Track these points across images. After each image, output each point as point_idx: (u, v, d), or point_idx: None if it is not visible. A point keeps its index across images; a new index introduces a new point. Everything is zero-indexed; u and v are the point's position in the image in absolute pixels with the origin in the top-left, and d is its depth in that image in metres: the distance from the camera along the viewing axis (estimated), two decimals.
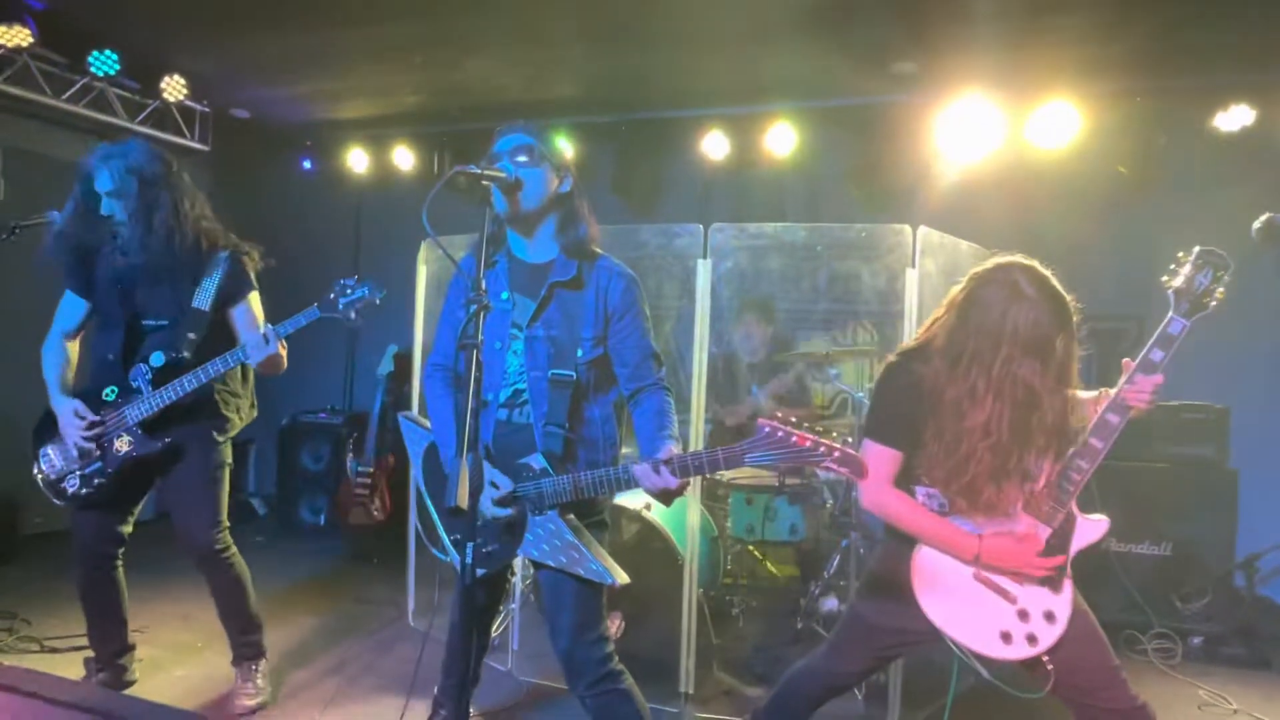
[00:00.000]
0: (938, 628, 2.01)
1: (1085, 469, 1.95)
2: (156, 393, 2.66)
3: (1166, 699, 3.31)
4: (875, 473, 2.03)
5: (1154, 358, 1.93)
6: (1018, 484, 1.94)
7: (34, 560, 4.53)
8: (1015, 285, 1.89)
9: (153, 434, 2.70)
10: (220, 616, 2.96)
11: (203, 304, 2.73)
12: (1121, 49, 4.11)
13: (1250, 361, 4.39)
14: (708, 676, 3.29)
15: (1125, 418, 1.94)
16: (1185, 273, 1.91)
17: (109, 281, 2.79)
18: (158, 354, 2.70)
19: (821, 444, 1.68)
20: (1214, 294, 1.89)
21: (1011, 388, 1.87)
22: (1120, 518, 3.87)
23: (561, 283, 2.09)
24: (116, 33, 4.71)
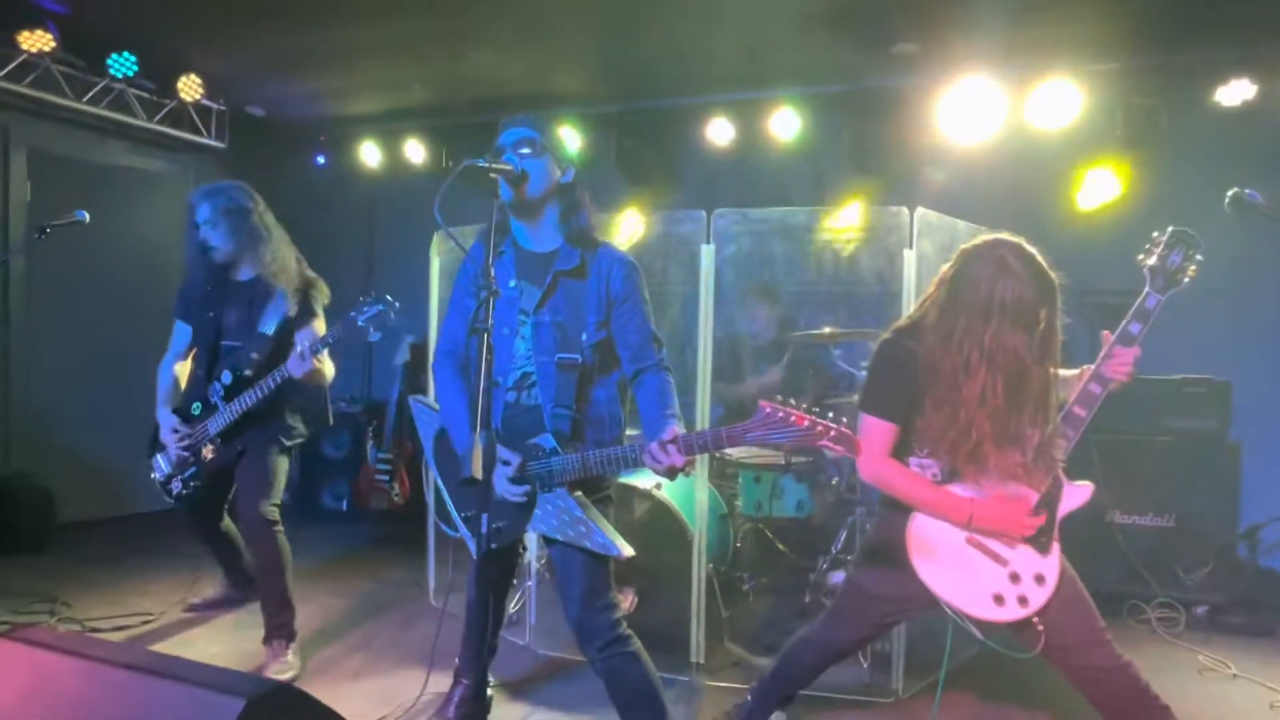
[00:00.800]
0: (933, 593, 2.11)
1: (1071, 436, 2.05)
2: (228, 406, 3.12)
3: (1167, 665, 3.40)
4: (872, 445, 2.14)
5: (1132, 330, 2.03)
6: (1019, 448, 2.03)
7: (70, 548, 4.72)
8: (1002, 261, 1.98)
9: (229, 442, 3.18)
10: (261, 594, 3.21)
11: (267, 329, 3.14)
12: (1121, 25, 4.14)
13: (1251, 335, 4.43)
14: (718, 648, 3.41)
15: (1106, 388, 2.04)
16: (1159, 252, 2.02)
17: (202, 307, 3.26)
18: (226, 373, 3.14)
19: (819, 424, 1.79)
20: (1186, 271, 2.00)
21: (1002, 358, 1.97)
22: (1124, 490, 4.02)
23: (565, 271, 2.20)
24: (134, 35, 4.84)
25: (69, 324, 5.25)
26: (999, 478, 2.04)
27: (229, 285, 3.26)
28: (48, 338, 5.17)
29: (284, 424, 3.25)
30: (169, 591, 3.94)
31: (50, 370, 5.18)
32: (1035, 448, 2.03)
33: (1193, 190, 4.43)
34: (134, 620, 3.59)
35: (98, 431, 5.31)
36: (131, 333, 5.41)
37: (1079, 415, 2.04)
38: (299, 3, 4.28)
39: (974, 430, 2.00)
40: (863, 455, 2.15)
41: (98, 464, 5.33)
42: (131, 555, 4.61)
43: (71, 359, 5.25)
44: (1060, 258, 3.02)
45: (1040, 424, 2.03)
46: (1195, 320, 4.43)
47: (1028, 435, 2.03)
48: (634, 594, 3.42)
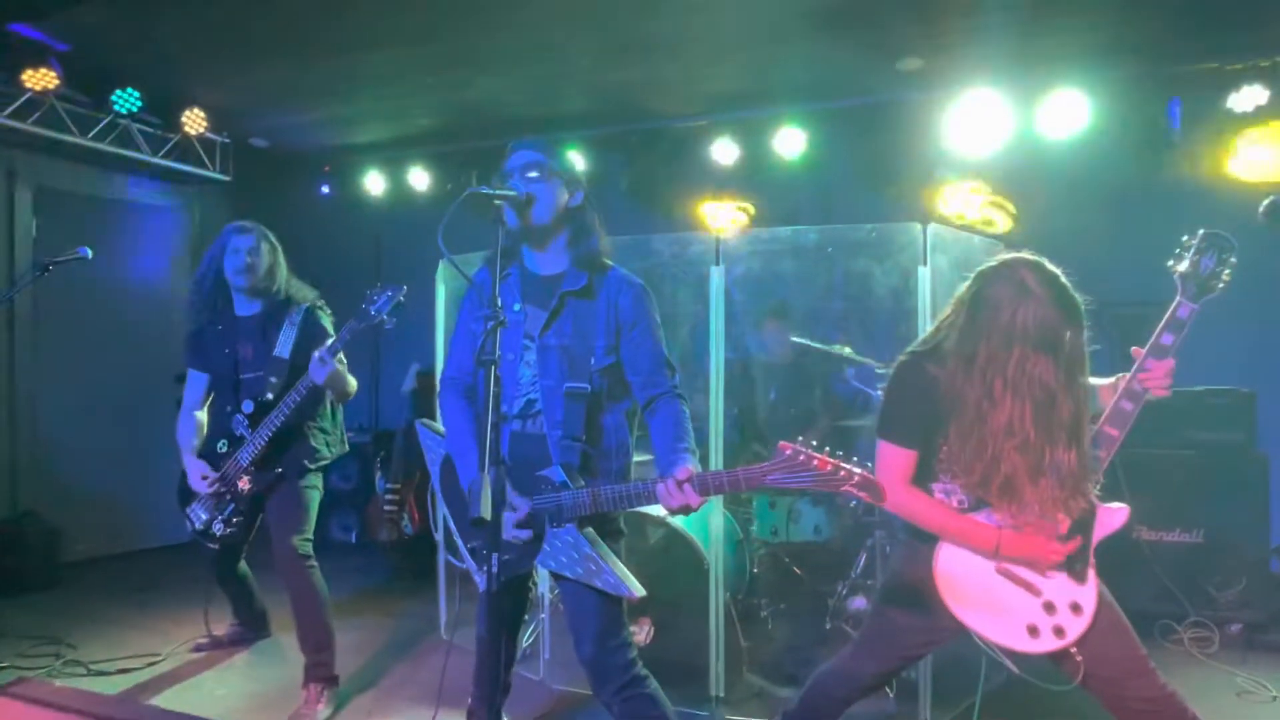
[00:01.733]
0: (963, 623, 2.02)
1: (1103, 457, 1.95)
2: (255, 434, 3.09)
3: (1204, 688, 3.28)
4: (892, 473, 2.05)
5: (1164, 342, 1.93)
6: (1054, 480, 1.92)
7: (77, 586, 4.66)
8: (1022, 283, 1.89)
9: (263, 469, 3.15)
10: (297, 630, 3.14)
11: (283, 352, 3.15)
12: (1131, 34, 4.09)
13: (1275, 344, 4.33)
14: (738, 679, 3.31)
15: (1140, 404, 1.94)
16: (1190, 256, 1.91)
17: (217, 346, 3.25)
18: (248, 402, 3.15)
19: (842, 468, 1.72)
20: (1220, 276, 1.89)
21: (1029, 386, 1.87)
22: (1150, 506, 3.91)
23: (572, 292, 2.13)
24: (137, 70, 4.87)
25: (75, 360, 5.23)
26: (1040, 512, 1.94)
27: (238, 321, 3.26)
28: (53, 374, 5.15)
29: (308, 447, 3.21)
30: (176, 630, 3.87)
31: (56, 407, 5.15)
32: (1072, 475, 1.93)
33: (1206, 198, 4.39)
34: (139, 661, 3.52)
35: (105, 468, 5.27)
36: (138, 368, 5.40)
37: (1112, 435, 1.95)
38: (300, 35, 4.30)
39: (1003, 463, 1.90)
40: (882, 483, 2.07)
41: (105, 500, 5.28)
42: (139, 592, 4.55)
43: (77, 396, 5.22)
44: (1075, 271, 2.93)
45: (1075, 449, 1.93)
46: (1217, 330, 4.32)
47: (1063, 462, 1.92)
48: (650, 625, 3.33)
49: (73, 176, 5.23)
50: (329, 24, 4.15)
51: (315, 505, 3.24)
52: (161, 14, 4.10)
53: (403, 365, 5.34)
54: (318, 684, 3.10)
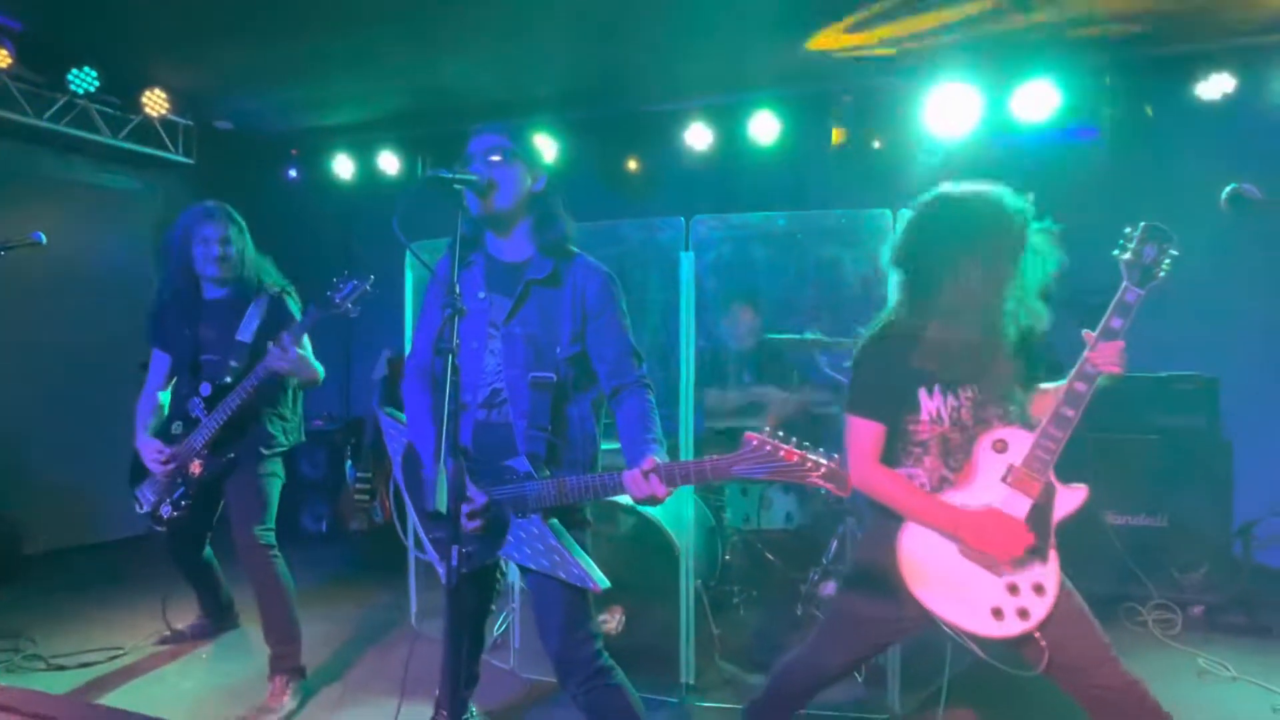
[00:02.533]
0: (929, 610, 2.02)
1: (1059, 437, 1.97)
2: (210, 417, 3.03)
3: (1165, 669, 3.34)
4: (860, 447, 2.07)
5: (1114, 325, 1.98)
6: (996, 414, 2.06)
7: (37, 580, 4.56)
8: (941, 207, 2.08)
9: (216, 453, 3.08)
10: (262, 622, 3.10)
11: (245, 336, 3.09)
12: (1102, 21, 4.10)
13: (1238, 332, 4.40)
14: (709, 666, 3.31)
15: (1092, 385, 1.97)
16: (1133, 246, 1.98)
17: (179, 326, 3.18)
18: (205, 384, 3.09)
19: (809, 458, 1.72)
20: (1162, 264, 1.96)
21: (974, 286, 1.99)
22: (1116, 491, 3.96)
23: (537, 280, 2.10)
24: (95, 50, 4.72)
25: (33, 350, 5.09)
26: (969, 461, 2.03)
27: (203, 303, 3.19)
28: (10, 364, 5.02)
29: (265, 433, 3.15)
30: (140, 623, 3.80)
31: (14, 398, 5.02)
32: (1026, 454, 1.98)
33: (1176, 186, 4.43)
34: (102, 655, 3.46)
35: (66, 459, 5.15)
36: (98, 357, 5.27)
37: (1067, 415, 1.97)
38: (265, 14, 4.19)
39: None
40: (852, 461, 2.10)
41: (66, 492, 5.17)
42: (101, 585, 4.46)
43: (36, 386, 5.09)
44: None
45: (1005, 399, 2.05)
46: (1180, 318, 4.40)
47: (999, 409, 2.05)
48: (622, 613, 3.32)
49: (28, 159, 5.07)
50: (293, 4, 4.05)
51: (275, 494, 3.18)
52: None
53: (374, 352, 5.27)
54: (284, 675, 3.06)
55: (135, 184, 5.67)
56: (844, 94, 4.85)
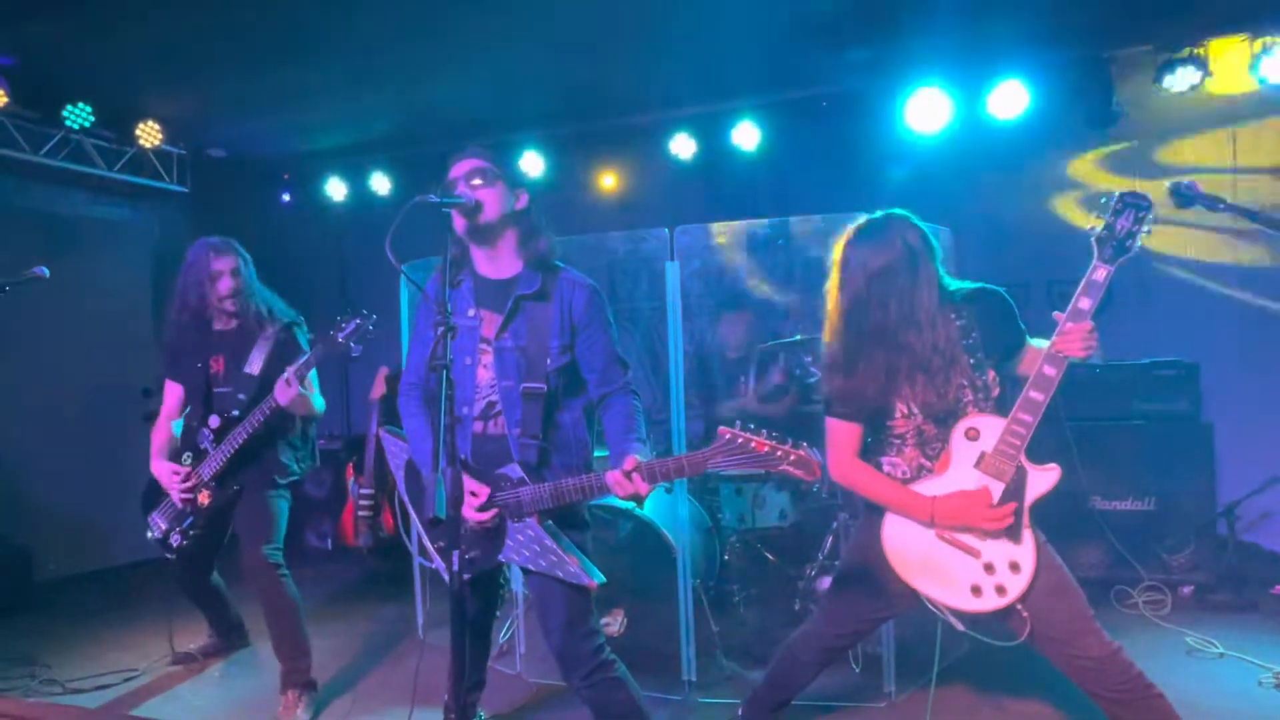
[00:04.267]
0: (912, 586, 2.15)
1: (1029, 422, 2.03)
2: (218, 450, 3.11)
3: (1156, 648, 3.42)
4: (838, 447, 2.19)
5: (1082, 306, 1.97)
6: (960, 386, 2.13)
7: (51, 606, 4.64)
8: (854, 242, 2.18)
9: (223, 485, 3.16)
10: (272, 639, 3.16)
11: (253, 369, 3.16)
12: (1071, 17, 4.20)
13: (1215, 315, 4.49)
14: (711, 664, 3.39)
15: (1061, 369, 2.00)
16: (1107, 219, 1.95)
17: (192, 359, 3.27)
18: (214, 417, 3.16)
19: (779, 448, 1.80)
20: (1137, 236, 1.92)
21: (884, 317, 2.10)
22: (1103, 477, 4.05)
23: (527, 295, 2.19)
24: (88, 84, 4.82)
25: (37, 379, 5.18)
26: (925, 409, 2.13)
27: (214, 335, 3.28)
28: (15, 394, 5.10)
29: (278, 463, 3.23)
30: (152, 644, 3.87)
31: (19, 427, 5.10)
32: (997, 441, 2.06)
33: (1148, 177, 4.54)
34: (117, 677, 3.53)
35: (72, 486, 5.23)
36: (102, 385, 5.36)
37: (1036, 400, 2.01)
38: (254, 44, 4.28)
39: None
40: (831, 458, 2.23)
41: (74, 519, 5.25)
42: (113, 609, 4.54)
43: (41, 415, 5.17)
44: (1023, 249, 3.00)
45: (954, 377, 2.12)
46: (1160, 304, 4.51)
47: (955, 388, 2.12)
48: (623, 615, 3.41)
49: (26, 194, 5.16)
50: (281, 32, 4.15)
51: (284, 515, 3.26)
52: (110, 27, 4.06)
53: (371, 371, 5.35)
54: (296, 690, 3.13)
55: (131, 214, 5.77)
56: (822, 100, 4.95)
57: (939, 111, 4.61)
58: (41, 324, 5.14)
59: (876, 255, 2.10)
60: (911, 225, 2.15)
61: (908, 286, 2.08)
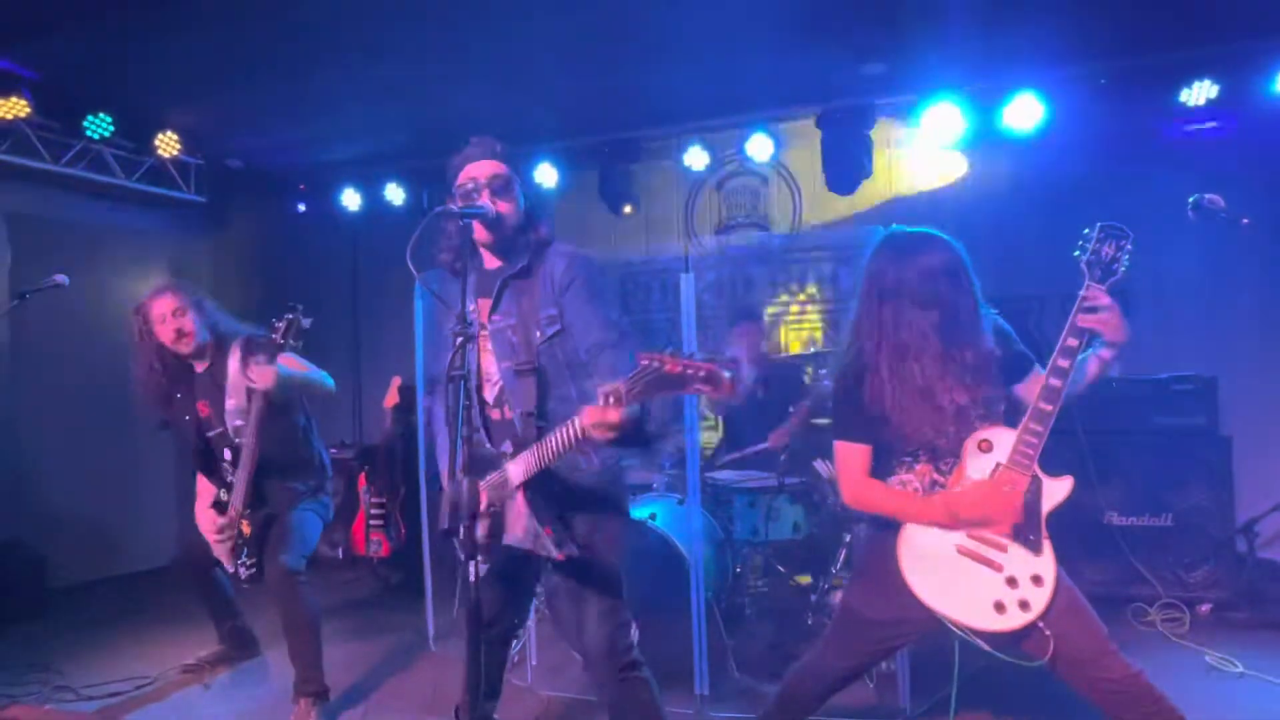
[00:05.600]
0: (932, 609, 2.08)
1: (1040, 432, 2.04)
2: (237, 475, 3.15)
3: (1174, 667, 3.37)
4: (849, 469, 2.16)
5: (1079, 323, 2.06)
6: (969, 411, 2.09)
7: (65, 613, 4.66)
8: (885, 252, 2.15)
9: (257, 509, 3.21)
10: (288, 646, 3.17)
11: (239, 398, 3.18)
12: (1086, 31, 4.19)
13: (1232, 329, 4.46)
14: (724, 678, 3.37)
15: (1067, 379, 2.02)
16: (1091, 246, 2.07)
17: (180, 416, 3.32)
18: (226, 450, 3.25)
19: (689, 366, 1.66)
20: (1121, 261, 2.04)
21: (909, 333, 2.07)
22: (1119, 492, 4.02)
23: (513, 275, 2.16)
24: (108, 95, 4.88)
25: (55, 386, 5.22)
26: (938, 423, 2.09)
27: (194, 379, 3.33)
28: (34, 401, 5.14)
29: (292, 489, 3.29)
30: (165, 652, 3.88)
31: (38, 434, 5.14)
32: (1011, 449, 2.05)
33: (1163, 192, 4.51)
34: (129, 685, 3.54)
35: (89, 493, 5.26)
36: (119, 392, 5.34)
37: (1045, 410, 2.03)
38: (272, 54, 4.33)
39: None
40: (842, 483, 2.20)
41: (90, 526, 5.28)
42: (127, 616, 4.56)
43: (59, 422, 5.21)
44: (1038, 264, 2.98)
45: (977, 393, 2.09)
46: (1177, 319, 4.47)
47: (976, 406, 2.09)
48: (635, 629, 3.38)
49: (47, 203, 5.22)
50: (298, 45, 4.19)
51: (310, 526, 3.31)
52: (130, 39, 4.12)
53: (384, 379, 5.37)
54: (308, 699, 3.13)
55: (149, 224, 5.82)
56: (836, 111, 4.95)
57: (954, 124, 4.61)
58: (59, 332, 5.19)
59: (917, 264, 2.08)
60: (946, 241, 2.14)
61: (950, 298, 2.06)
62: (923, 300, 2.06)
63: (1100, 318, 2.03)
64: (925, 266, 2.08)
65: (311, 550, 3.30)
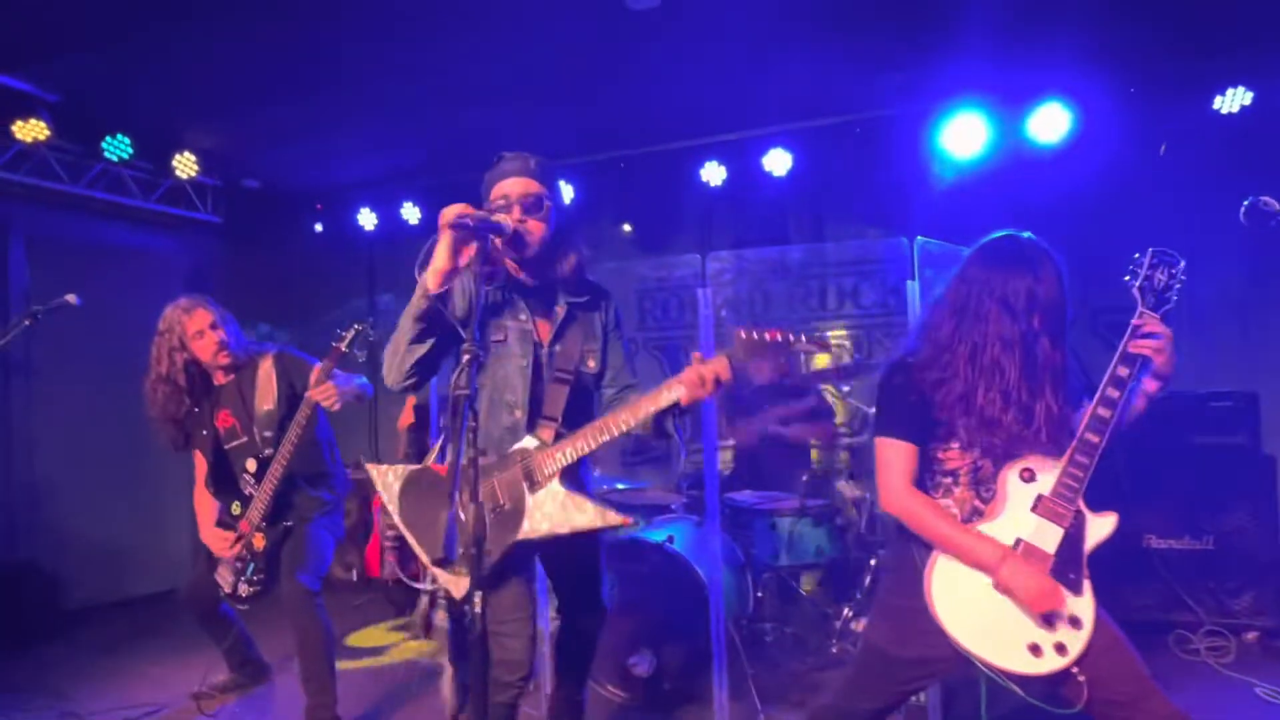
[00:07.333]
0: (962, 647, 1.93)
1: (1087, 465, 1.92)
2: (261, 489, 3.12)
3: (1223, 699, 3.20)
4: (893, 470, 1.99)
5: (1131, 351, 1.96)
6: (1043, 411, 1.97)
7: (77, 635, 4.61)
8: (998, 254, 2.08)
9: (274, 523, 3.16)
10: (300, 669, 3.11)
11: (268, 403, 3.19)
12: (1115, 38, 4.09)
13: (1275, 344, 4.29)
14: (745, 707, 3.24)
15: (1116, 410, 1.92)
16: (1144, 272, 1.98)
17: (198, 428, 3.29)
18: (249, 460, 3.20)
19: (788, 334, 1.92)
20: (1173, 289, 1.96)
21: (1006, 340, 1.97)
22: (1157, 514, 3.86)
23: (579, 306, 2.28)
24: (127, 117, 4.91)
25: (71, 408, 5.22)
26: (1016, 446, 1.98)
27: (213, 392, 3.30)
28: (49, 422, 5.14)
29: (311, 499, 3.23)
30: (175, 678, 3.81)
31: (53, 456, 5.13)
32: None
33: (1196, 201, 4.37)
34: (138, 711, 3.47)
35: (103, 515, 5.24)
36: (135, 415, 5.34)
37: (1092, 442, 1.92)
38: (289, 77, 4.33)
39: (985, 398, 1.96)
40: (884, 485, 2.02)
41: (104, 548, 5.25)
42: (139, 640, 4.50)
43: (74, 444, 5.20)
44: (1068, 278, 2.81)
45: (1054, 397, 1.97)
46: (1216, 334, 4.32)
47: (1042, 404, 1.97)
48: (652, 655, 3.27)
49: (66, 225, 5.24)
50: (316, 66, 4.19)
51: (324, 544, 3.25)
52: (149, 61, 4.14)
53: (398, 399, 5.31)
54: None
55: (167, 245, 5.84)
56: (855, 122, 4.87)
57: (976, 135, 4.51)
58: (76, 353, 5.19)
59: (1028, 269, 2.01)
60: (1050, 251, 2.08)
61: (1055, 302, 1.98)
62: (1030, 305, 1.97)
63: (1155, 345, 1.93)
64: (1040, 274, 2.00)
65: (326, 570, 3.24)
